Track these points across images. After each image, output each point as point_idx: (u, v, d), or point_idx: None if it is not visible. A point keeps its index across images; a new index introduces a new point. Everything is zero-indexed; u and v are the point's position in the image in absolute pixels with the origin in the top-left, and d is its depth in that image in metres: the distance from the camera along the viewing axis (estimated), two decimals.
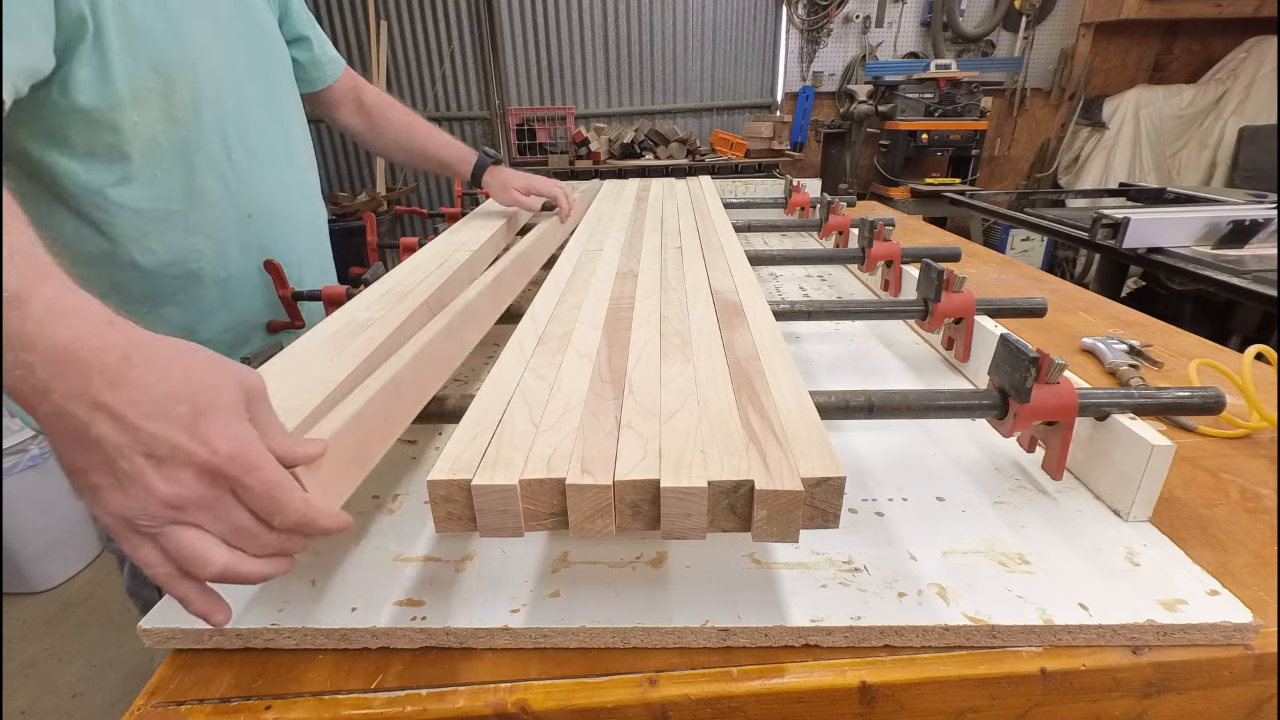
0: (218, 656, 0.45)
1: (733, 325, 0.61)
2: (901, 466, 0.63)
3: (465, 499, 0.38)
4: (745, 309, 0.66)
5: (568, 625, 0.45)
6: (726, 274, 0.78)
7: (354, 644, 0.45)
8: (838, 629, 0.45)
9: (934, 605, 0.46)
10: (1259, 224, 1.71)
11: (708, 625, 0.45)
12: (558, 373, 0.52)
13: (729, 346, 0.56)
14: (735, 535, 0.53)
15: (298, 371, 0.50)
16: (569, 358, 0.55)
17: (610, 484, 0.37)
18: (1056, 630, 0.44)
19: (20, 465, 1.86)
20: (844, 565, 0.50)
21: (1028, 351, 0.53)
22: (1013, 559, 0.51)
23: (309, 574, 0.50)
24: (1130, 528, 0.54)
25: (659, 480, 0.37)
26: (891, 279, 1.02)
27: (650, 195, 1.39)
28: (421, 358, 0.55)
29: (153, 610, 0.47)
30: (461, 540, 0.54)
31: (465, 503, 0.38)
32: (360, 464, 0.44)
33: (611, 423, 0.44)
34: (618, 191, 1.47)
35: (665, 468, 0.38)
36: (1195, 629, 0.44)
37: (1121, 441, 0.55)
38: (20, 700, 1.67)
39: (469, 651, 0.45)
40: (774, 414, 0.45)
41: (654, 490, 0.37)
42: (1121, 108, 3.91)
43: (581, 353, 0.56)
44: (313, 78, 1.01)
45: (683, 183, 1.56)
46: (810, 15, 3.95)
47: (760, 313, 0.64)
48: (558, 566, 0.51)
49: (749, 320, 0.63)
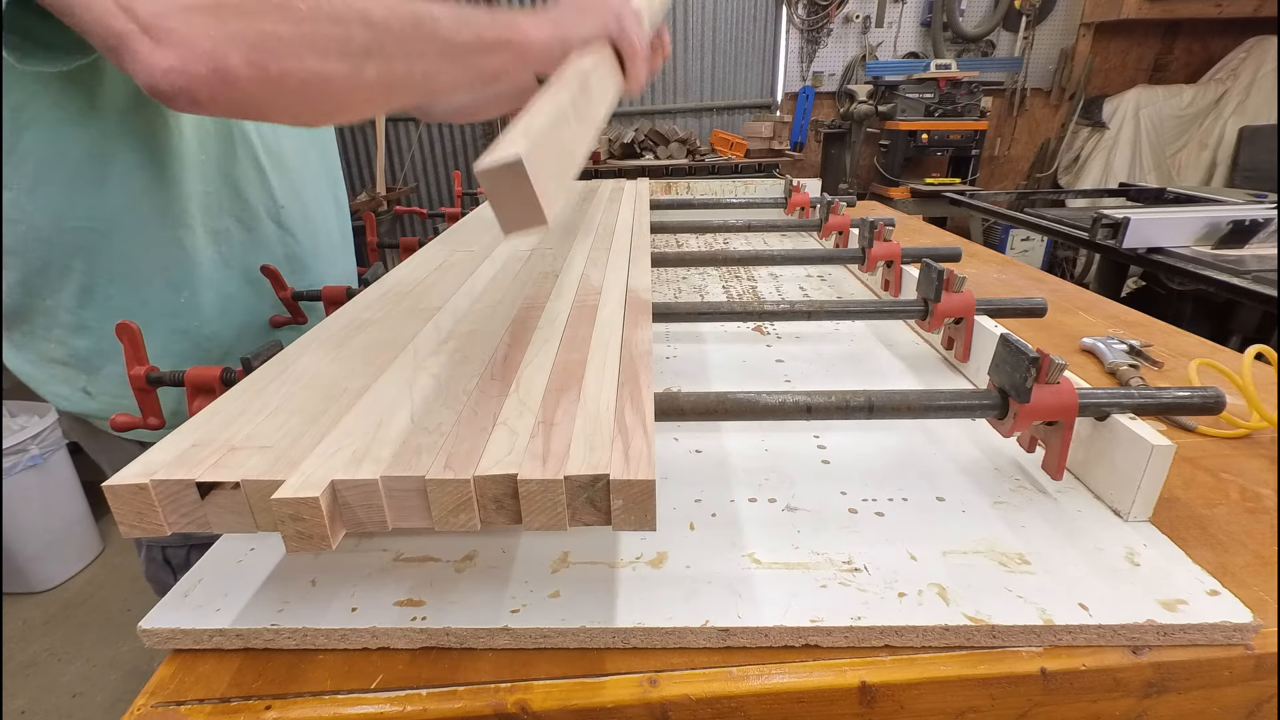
0: (218, 656, 0.45)
1: (637, 323, 0.61)
2: (902, 466, 0.63)
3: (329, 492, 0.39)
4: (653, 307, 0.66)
5: (568, 625, 0.45)
6: (647, 273, 0.78)
7: (354, 644, 0.45)
8: (838, 629, 0.45)
9: (934, 605, 0.46)
10: (1259, 224, 1.71)
11: (708, 625, 0.45)
12: (450, 371, 0.52)
13: (627, 344, 0.57)
14: (736, 536, 0.53)
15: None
16: (466, 355, 0.56)
17: (469, 479, 0.38)
18: (1056, 630, 0.44)
19: (20, 465, 1.86)
20: (844, 565, 0.50)
21: (1028, 351, 0.53)
22: (1013, 559, 0.51)
23: (309, 574, 0.50)
24: (1130, 528, 0.54)
25: (516, 475, 0.38)
26: (892, 279, 1.02)
27: (595, 196, 1.38)
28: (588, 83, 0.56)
29: (153, 611, 0.47)
30: (462, 541, 0.54)
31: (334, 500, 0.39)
32: (570, 161, 0.47)
33: (489, 419, 0.44)
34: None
35: (526, 463, 0.39)
36: (1195, 629, 0.44)
37: (1122, 441, 0.55)
38: (20, 700, 1.67)
39: (469, 651, 0.45)
40: (649, 407, 0.45)
41: (513, 485, 0.38)
42: (1121, 108, 3.91)
43: (481, 351, 0.56)
44: None
45: (631, 183, 1.56)
46: (810, 15, 3.95)
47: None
48: (558, 567, 0.51)
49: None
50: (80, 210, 0.68)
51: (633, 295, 0.69)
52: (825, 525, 0.55)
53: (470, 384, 0.50)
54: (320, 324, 0.64)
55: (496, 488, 0.38)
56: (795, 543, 0.53)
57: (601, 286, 0.73)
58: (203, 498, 0.39)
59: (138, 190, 0.70)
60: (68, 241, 0.69)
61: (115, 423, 0.62)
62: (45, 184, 0.66)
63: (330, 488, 0.38)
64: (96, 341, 0.73)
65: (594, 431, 0.42)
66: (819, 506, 0.57)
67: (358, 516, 0.39)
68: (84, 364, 0.74)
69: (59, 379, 0.76)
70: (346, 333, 0.62)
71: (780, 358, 0.90)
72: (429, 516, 0.39)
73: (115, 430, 0.63)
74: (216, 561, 0.53)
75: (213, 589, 0.49)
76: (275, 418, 0.46)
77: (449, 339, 0.60)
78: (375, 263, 0.80)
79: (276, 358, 0.56)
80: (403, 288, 0.75)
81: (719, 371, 0.85)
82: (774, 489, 0.60)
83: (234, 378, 0.56)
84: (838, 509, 0.57)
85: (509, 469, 0.38)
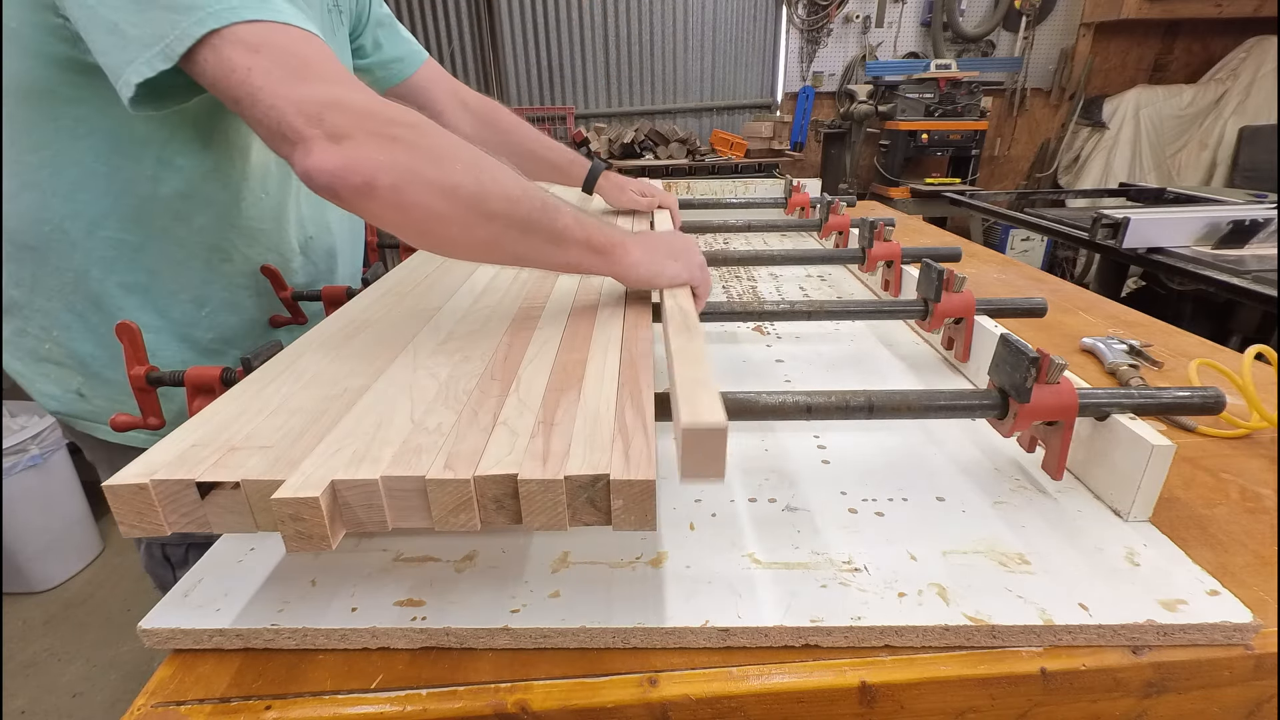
0: (218, 656, 0.45)
1: (637, 324, 0.61)
2: (902, 467, 0.63)
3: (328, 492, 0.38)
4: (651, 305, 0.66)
5: (568, 625, 0.45)
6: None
7: (354, 644, 0.45)
8: (838, 629, 0.45)
9: (934, 605, 0.46)
10: (1259, 224, 1.71)
11: (708, 625, 0.45)
12: (450, 371, 0.52)
13: (627, 344, 0.56)
14: (736, 536, 0.54)
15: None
16: (466, 355, 0.55)
17: (469, 478, 0.38)
18: (1057, 630, 0.44)
19: (20, 465, 1.86)
20: (844, 565, 0.50)
21: (1028, 351, 0.53)
22: (1013, 559, 0.51)
23: (309, 574, 0.51)
24: (1130, 528, 0.54)
25: (517, 475, 0.38)
26: (892, 279, 1.02)
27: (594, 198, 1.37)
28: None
29: (152, 611, 0.47)
30: (461, 540, 0.54)
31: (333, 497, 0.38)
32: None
33: (489, 419, 0.44)
34: (563, 193, 1.45)
35: (526, 462, 0.39)
36: (1195, 629, 0.44)
37: (1122, 441, 0.55)
38: (21, 700, 1.67)
39: (469, 651, 0.45)
40: (649, 407, 0.45)
41: (513, 484, 0.38)
42: (1121, 108, 3.91)
43: (482, 351, 0.56)
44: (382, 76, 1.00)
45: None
46: (810, 15, 3.95)
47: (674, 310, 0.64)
48: (558, 567, 0.51)
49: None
50: (118, 222, 0.68)
51: (633, 296, 0.69)
52: (825, 525, 0.55)
53: (470, 384, 0.50)
54: (320, 324, 0.64)
55: (496, 488, 0.38)
56: (795, 543, 0.53)
57: (602, 287, 0.73)
58: (203, 498, 0.39)
59: (187, 214, 0.70)
60: (93, 249, 0.69)
61: (115, 423, 0.63)
62: (84, 191, 0.66)
63: (330, 488, 0.38)
64: (96, 346, 0.73)
65: (594, 431, 0.42)
66: (819, 506, 0.57)
67: (358, 517, 0.39)
68: (81, 366, 0.74)
69: (50, 378, 0.75)
70: (347, 333, 0.62)
71: (780, 358, 0.90)
72: (429, 517, 0.39)
73: (116, 430, 0.63)
74: (216, 561, 0.53)
75: (213, 589, 0.49)
76: (275, 418, 0.46)
77: (449, 339, 0.60)
78: (375, 263, 0.79)
79: (277, 357, 0.56)
80: (403, 288, 0.75)
81: (719, 371, 0.85)
82: (774, 489, 0.60)
83: (234, 377, 0.56)
84: (838, 509, 0.57)
85: (509, 469, 0.38)
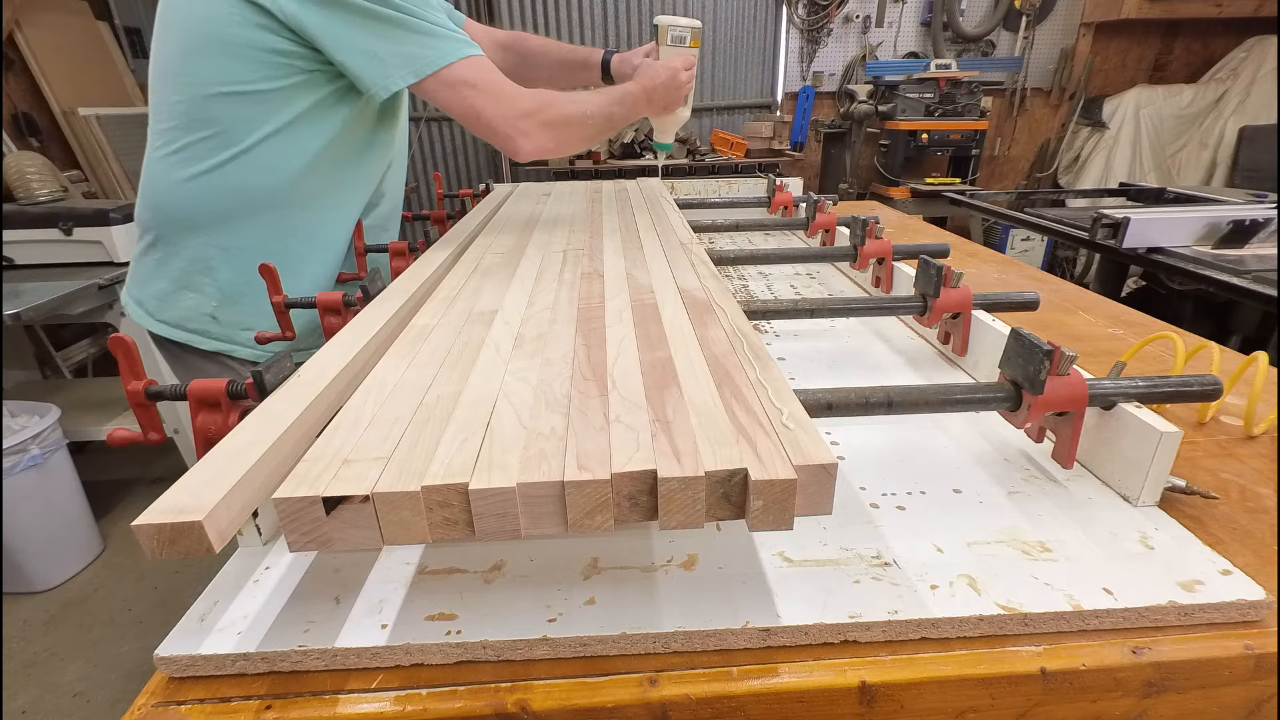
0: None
1: (705, 323, 0.61)
2: (914, 460, 0.64)
3: (462, 503, 0.37)
4: (715, 307, 0.66)
5: (608, 633, 0.44)
6: (690, 272, 0.78)
7: (387, 662, 0.44)
8: (876, 624, 0.44)
9: (966, 596, 0.46)
10: (1259, 224, 1.71)
11: (749, 626, 0.44)
12: (539, 374, 0.52)
13: (704, 343, 0.56)
14: (763, 535, 0.53)
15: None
16: (548, 358, 0.55)
17: (608, 478, 0.37)
18: (1085, 615, 0.45)
19: (20, 465, 1.86)
20: (874, 560, 0.50)
21: (1041, 345, 0.55)
22: (1034, 547, 0.51)
23: (331, 591, 0.49)
24: (1140, 512, 0.55)
25: (656, 470, 0.37)
26: (883, 275, 1.02)
27: (602, 196, 1.38)
28: None
29: (169, 637, 0.45)
30: (487, 550, 0.53)
31: (462, 507, 0.38)
32: None
33: (600, 418, 0.44)
34: (569, 192, 1.47)
35: (660, 460, 0.38)
36: (1214, 608, 0.45)
37: (1129, 429, 0.56)
38: (21, 700, 1.67)
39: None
40: (758, 408, 0.45)
41: (651, 481, 0.37)
42: (1121, 108, 3.91)
43: (561, 352, 0.56)
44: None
45: (633, 183, 1.57)
46: (810, 15, 3.95)
47: (732, 311, 0.65)
48: (589, 573, 0.50)
49: (719, 318, 0.63)
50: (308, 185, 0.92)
51: (687, 296, 0.69)
52: (849, 521, 0.55)
53: (564, 386, 0.49)
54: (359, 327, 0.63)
55: (633, 485, 0.37)
56: (823, 539, 0.53)
57: (652, 285, 0.72)
58: (328, 513, 0.37)
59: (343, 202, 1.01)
60: (280, 200, 0.91)
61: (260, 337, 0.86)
62: (292, 159, 0.89)
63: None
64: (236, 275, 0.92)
65: (713, 428, 0.41)
66: (840, 502, 0.57)
67: (489, 527, 0.37)
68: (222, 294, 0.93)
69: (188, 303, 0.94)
70: (409, 339, 0.60)
71: (781, 355, 0.90)
72: (563, 520, 0.38)
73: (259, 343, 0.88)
74: (230, 582, 0.51)
75: (231, 611, 0.47)
76: (375, 429, 0.44)
77: (520, 341, 0.58)
78: (372, 269, 0.78)
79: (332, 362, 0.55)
80: (446, 292, 0.74)
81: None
82: None
83: (242, 390, 0.53)
84: (859, 504, 0.57)
85: (646, 465, 0.37)
